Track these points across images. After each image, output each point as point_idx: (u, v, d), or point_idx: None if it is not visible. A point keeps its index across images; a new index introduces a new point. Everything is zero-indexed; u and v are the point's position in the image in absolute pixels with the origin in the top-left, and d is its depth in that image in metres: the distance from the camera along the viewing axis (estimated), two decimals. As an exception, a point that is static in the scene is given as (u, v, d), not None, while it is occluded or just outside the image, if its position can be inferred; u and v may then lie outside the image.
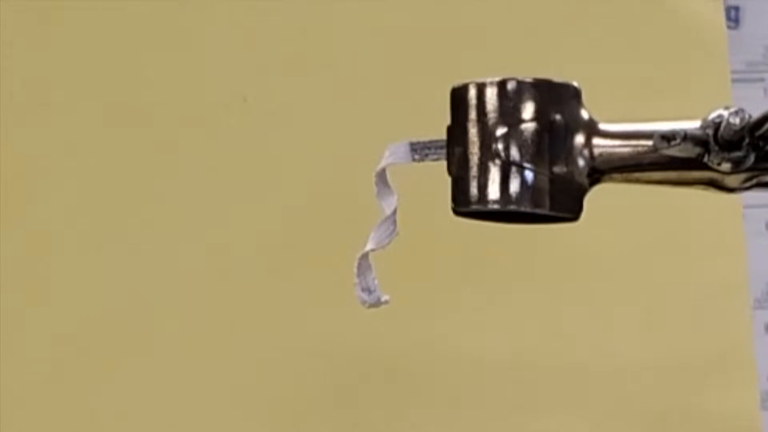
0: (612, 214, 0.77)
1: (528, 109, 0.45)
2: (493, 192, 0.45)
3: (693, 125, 0.43)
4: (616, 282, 0.82)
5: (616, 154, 0.45)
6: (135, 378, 0.76)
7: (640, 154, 0.45)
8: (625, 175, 0.46)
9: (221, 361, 0.77)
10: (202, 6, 0.79)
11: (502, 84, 0.45)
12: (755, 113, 0.41)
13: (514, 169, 0.44)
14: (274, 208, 0.78)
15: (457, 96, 0.46)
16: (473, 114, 0.45)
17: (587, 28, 0.82)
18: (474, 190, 0.45)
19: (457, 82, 0.47)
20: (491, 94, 0.45)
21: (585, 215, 0.46)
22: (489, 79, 0.45)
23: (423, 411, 0.79)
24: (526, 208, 0.45)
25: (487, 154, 0.45)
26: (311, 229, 0.78)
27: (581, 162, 0.45)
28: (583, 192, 0.45)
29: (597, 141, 0.45)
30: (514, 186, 0.44)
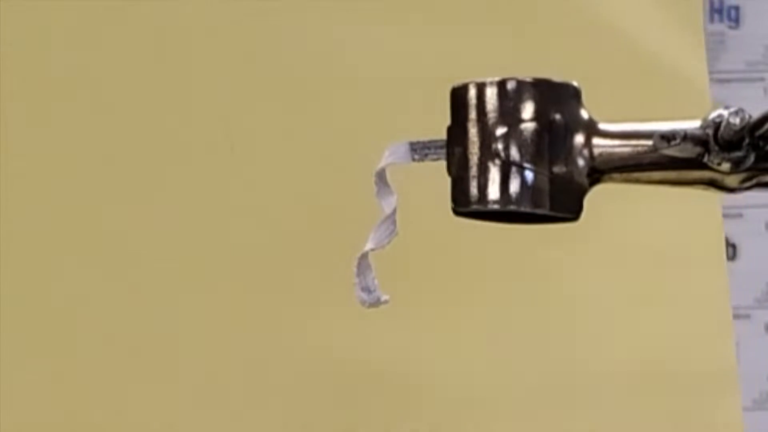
0: (593, 224, 0.77)
1: (528, 109, 0.45)
2: (493, 192, 0.45)
3: (693, 125, 0.43)
4: (596, 294, 0.82)
5: (616, 154, 0.45)
6: (131, 381, 0.76)
7: (640, 154, 0.44)
8: (625, 175, 0.46)
9: (218, 363, 0.77)
10: (192, 54, 0.79)
11: (501, 84, 0.45)
12: (755, 113, 0.41)
13: (513, 169, 0.44)
14: (274, 216, 0.78)
15: (457, 96, 0.46)
16: (473, 114, 0.45)
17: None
18: (474, 190, 0.45)
19: (457, 82, 0.47)
20: (491, 94, 0.45)
21: (567, 228, 0.46)
22: (489, 79, 0.45)
23: (428, 407, 0.79)
24: (525, 208, 0.45)
25: (487, 154, 0.45)
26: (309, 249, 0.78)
27: (581, 162, 0.45)
28: (583, 192, 0.45)
29: (597, 141, 0.45)
30: (513, 186, 0.44)
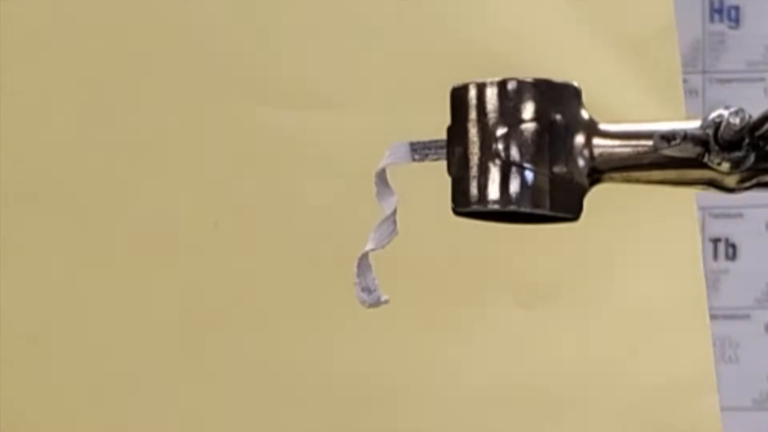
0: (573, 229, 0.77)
1: (528, 109, 0.45)
2: (493, 192, 0.45)
3: (693, 125, 0.43)
4: (573, 299, 0.82)
5: (616, 154, 0.45)
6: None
7: (640, 154, 0.44)
8: (625, 175, 0.46)
9: (215, 368, 0.77)
10: (175, 133, 0.79)
11: (502, 84, 0.45)
12: (755, 113, 0.41)
13: (514, 169, 0.44)
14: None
15: (457, 96, 0.46)
16: (473, 114, 0.45)
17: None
18: (474, 190, 0.45)
19: (457, 82, 0.47)
20: (491, 94, 0.45)
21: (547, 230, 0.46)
22: (489, 79, 0.45)
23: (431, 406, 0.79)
24: (525, 208, 0.45)
25: (487, 154, 0.45)
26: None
27: (581, 162, 0.45)
28: (583, 192, 0.45)
29: (597, 141, 0.45)
30: (514, 186, 0.44)
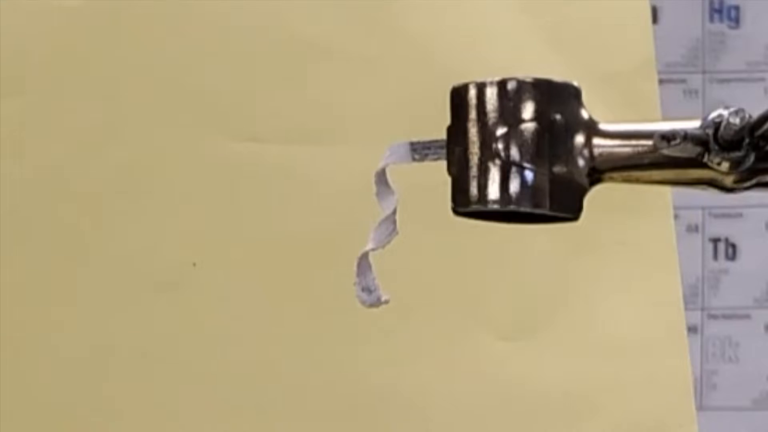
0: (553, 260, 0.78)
1: (528, 109, 0.45)
2: (493, 192, 0.45)
3: (693, 125, 0.43)
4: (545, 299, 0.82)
5: (616, 154, 0.45)
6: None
7: (639, 153, 0.44)
8: (625, 175, 0.46)
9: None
10: (154, 169, 0.79)
11: (502, 84, 0.45)
12: (755, 113, 0.41)
13: (514, 169, 0.44)
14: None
15: (457, 96, 0.46)
16: (473, 114, 0.45)
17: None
18: (474, 190, 0.45)
19: (457, 82, 0.47)
20: (491, 94, 0.45)
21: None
22: (489, 79, 0.45)
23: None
24: (525, 208, 0.45)
25: (487, 154, 0.45)
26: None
27: (581, 162, 0.45)
28: (583, 192, 0.45)
29: (597, 141, 0.45)
30: (514, 186, 0.44)
